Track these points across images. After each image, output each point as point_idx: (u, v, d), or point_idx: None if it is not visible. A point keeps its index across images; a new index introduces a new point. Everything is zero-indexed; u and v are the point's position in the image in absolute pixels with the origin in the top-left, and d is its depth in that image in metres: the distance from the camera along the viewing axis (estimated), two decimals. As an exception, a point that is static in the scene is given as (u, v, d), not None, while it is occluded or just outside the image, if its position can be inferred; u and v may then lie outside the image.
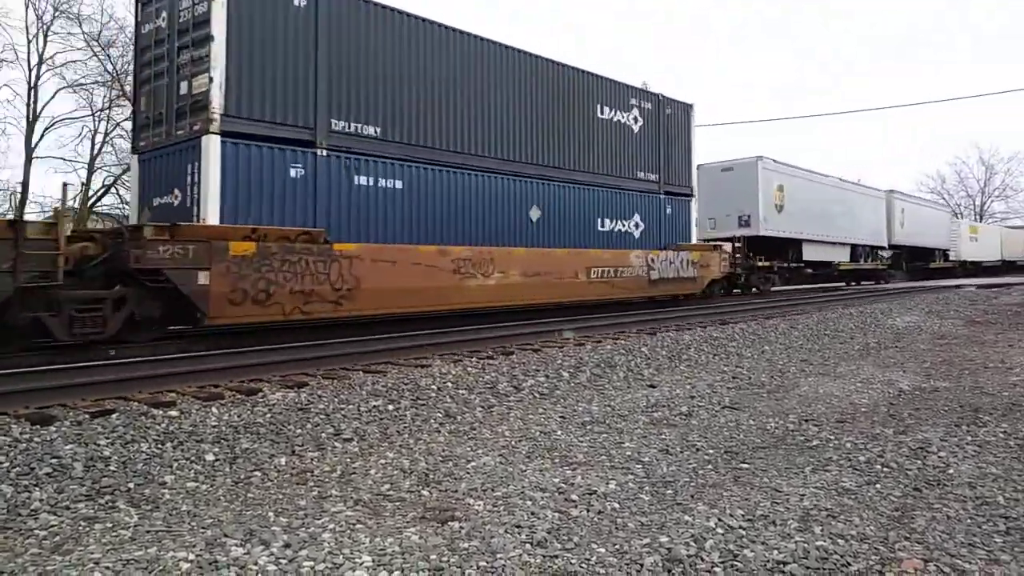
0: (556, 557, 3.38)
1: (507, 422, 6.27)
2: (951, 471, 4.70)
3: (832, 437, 5.61)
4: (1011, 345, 11.37)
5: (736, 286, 22.26)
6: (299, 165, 10.27)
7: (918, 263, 38.80)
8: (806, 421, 6.19)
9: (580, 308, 15.49)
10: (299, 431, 5.63)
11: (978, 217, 66.96)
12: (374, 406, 6.37)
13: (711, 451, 5.26)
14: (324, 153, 10.56)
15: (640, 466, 4.86)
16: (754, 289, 23.07)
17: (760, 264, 23.16)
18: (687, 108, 18.58)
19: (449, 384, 7.28)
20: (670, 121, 17.80)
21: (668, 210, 17.73)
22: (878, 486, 4.42)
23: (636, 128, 16.81)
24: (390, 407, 6.42)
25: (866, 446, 5.33)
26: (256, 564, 3.26)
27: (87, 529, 3.81)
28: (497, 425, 6.16)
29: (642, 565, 3.27)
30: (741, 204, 22.98)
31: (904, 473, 4.67)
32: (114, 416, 5.43)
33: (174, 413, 5.64)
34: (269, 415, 5.83)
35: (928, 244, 38.35)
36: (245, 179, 9.69)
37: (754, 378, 8.43)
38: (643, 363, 9.26)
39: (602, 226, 15.74)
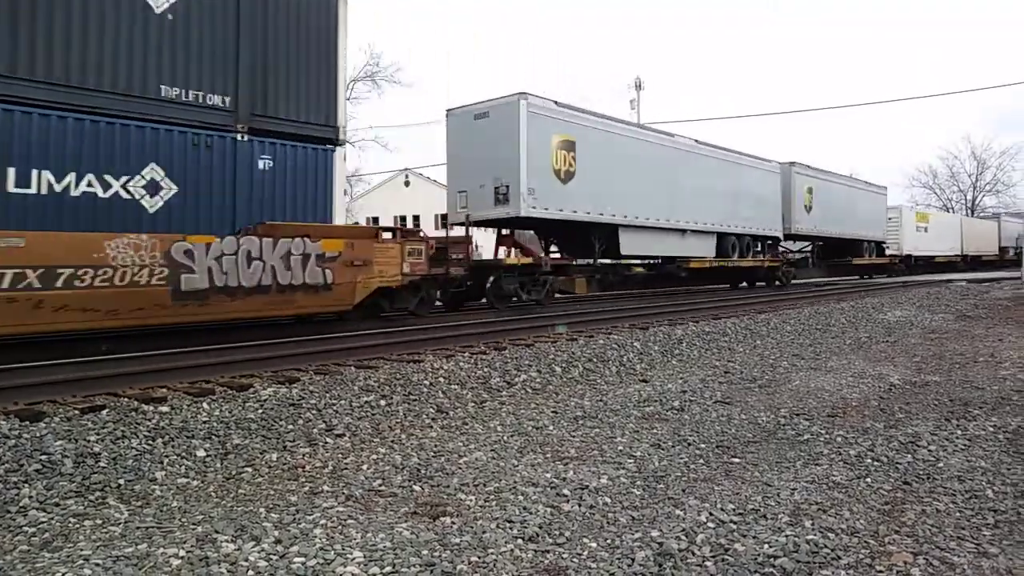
0: (548, 552, 3.38)
1: (499, 417, 6.27)
2: (941, 465, 4.73)
3: (823, 431, 5.63)
4: (1001, 339, 11.44)
5: (485, 296, 14.38)
6: None
7: (842, 258, 30.14)
8: (797, 415, 6.21)
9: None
10: (290, 427, 5.62)
11: (970, 212, 67.19)
12: (366, 401, 6.36)
13: (703, 445, 5.27)
14: None
15: (632, 461, 4.87)
16: (524, 300, 14.67)
17: (523, 262, 14.98)
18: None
19: (441, 379, 7.28)
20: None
21: (261, 164, 9.83)
22: (868, 480, 4.44)
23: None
24: (382, 402, 6.41)
25: (857, 440, 5.35)
26: (247, 560, 3.25)
27: (77, 526, 3.79)
28: (489, 420, 6.16)
29: (633, 559, 3.28)
30: (499, 169, 14.35)
31: (894, 467, 4.70)
32: (104, 412, 5.40)
33: (165, 409, 5.62)
34: (260, 411, 5.81)
35: (854, 234, 29.37)
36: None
37: (746, 373, 8.46)
38: (635, 358, 9.27)
39: (27, 184, 7.80)
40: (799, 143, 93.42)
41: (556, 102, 15.29)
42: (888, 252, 33.56)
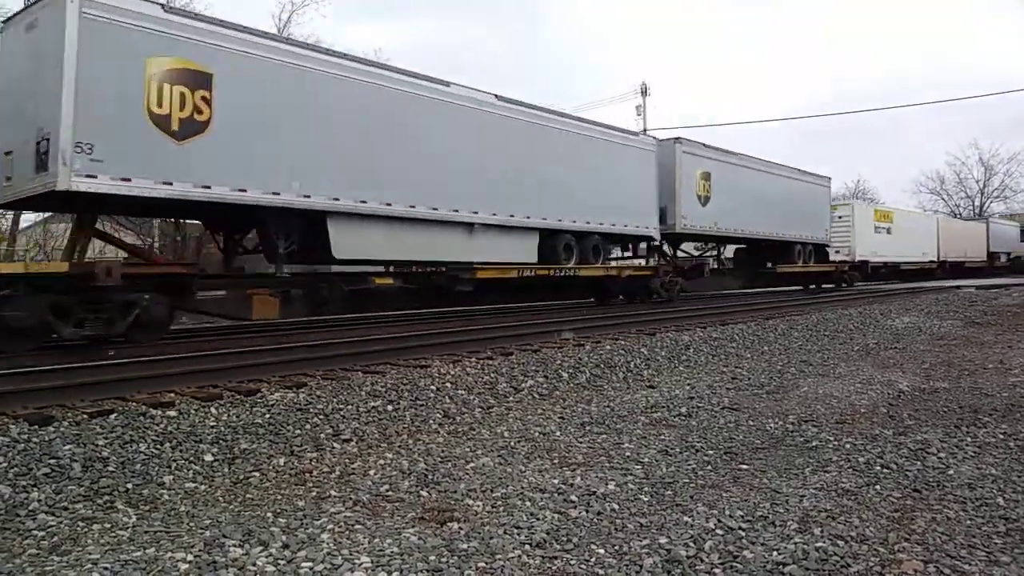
0: (555, 558, 3.38)
1: (506, 423, 6.26)
2: (951, 472, 4.70)
3: (831, 438, 5.61)
4: (1010, 346, 11.37)
5: None
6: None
7: (770, 265, 23.41)
8: (805, 422, 6.18)
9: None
10: (298, 431, 5.63)
11: (976, 217, 66.96)
12: (373, 407, 6.36)
13: (710, 452, 5.25)
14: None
15: (639, 467, 4.85)
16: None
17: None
18: None
19: (448, 385, 7.28)
20: None
21: None
22: (878, 487, 4.42)
23: None
24: (389, 408, 6.41)
25: (866, 447, 5.33)
26: (255, 565, 3.25)
27: (85, 530, 3.81)
28: (496, 426, 6.16)
29: (641, 566, 3.27)
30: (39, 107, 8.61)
31: (904, 474, 4.67)
32: (113, 416, 5.41)
33: (173, 413, 5.63)
34: (268, 415, 5.82)
35: (777, 234, 22.21)
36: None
37: (753, 379, 8.43)
38: (642, 364, 9.25)
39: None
40: (807, 150, 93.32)
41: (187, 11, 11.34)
42: (836, 257, 27.28)
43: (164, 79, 8.95)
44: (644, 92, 38.79)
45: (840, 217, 28.12)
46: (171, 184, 9.00)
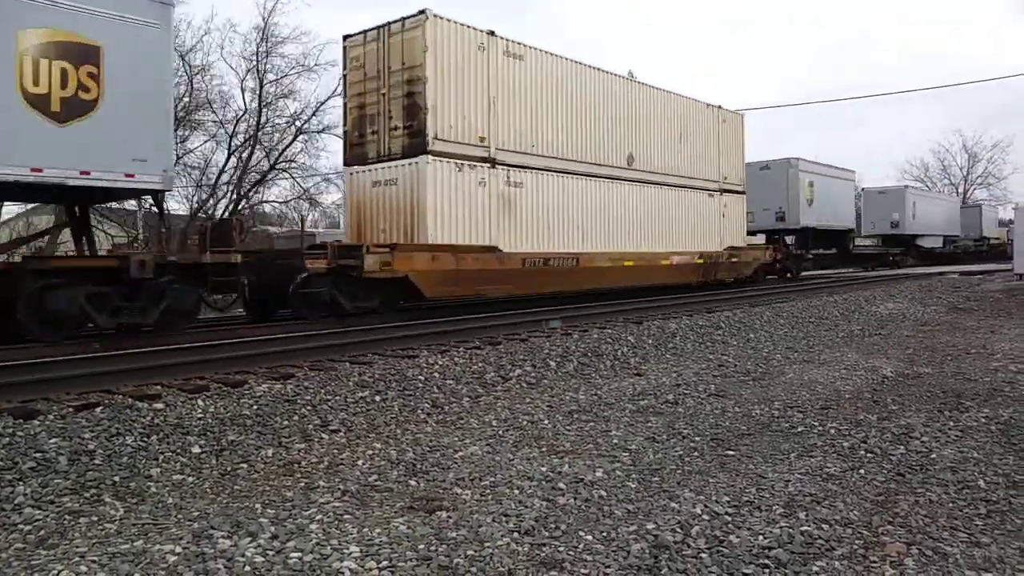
0: (544, 545, 3.40)
1: (494, 412, 6.28)
2: (933, 456, 4.76)
3: (816, 423, 5.66)
4: (993, 332, 11.50)
5: None
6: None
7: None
8: (791, 408, 6.24)
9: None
10: (286, 423, 5.62)
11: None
12: (361, 397, 6.36)
13: (697, 438, 5.29)
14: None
15: (627, 454, 4.88)
16: None
17: None
18: None
19: (436, 374, 7.28)
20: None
21: None
22: (862, 471, 4.47)
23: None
24: (377, 398, 6.41)
25: (850, 432, 5.38)
26: (243, 556, 3.25)
27: (72, 523, 3.79)
28: (484, 415, 6.17)
29: (629, 552, 3.30)
30: None
31: (887, 458, 4.73)
32: (99, 409, 5.39)
33: (159, 406, 5.61)
34: (255, 407, 5.81)
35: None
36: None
37: (739, 366, 8.48)
38: (629, 352, 9.29)
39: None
40: (793, 137, 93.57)
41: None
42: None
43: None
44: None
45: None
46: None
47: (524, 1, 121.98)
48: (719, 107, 19.54)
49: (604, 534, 3.52)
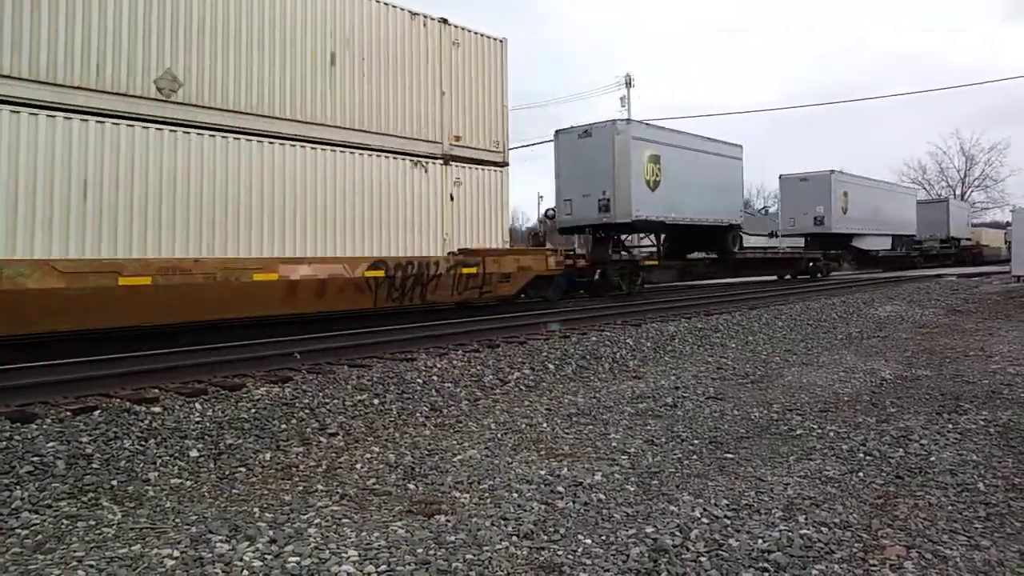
0: (543, 549, 3.39)
1: (493, 415, 6.27)
2: (933, 459, 4.76)
3: (815, 426, 5.66)
4: (991, 334, 11.50)
5: None
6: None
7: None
8: (790, 411, 6.23)
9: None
10: (284, 426, 5.61)
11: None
12: (359, 400, 6.35)
13: (696, 441, 5.28)
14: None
15: (626, 457, 4.88)
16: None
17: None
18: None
19: (435, 378, 7.27)
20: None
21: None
22: (861, 474, 4.47)
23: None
24: (375, 401, 6.40)
25: (849, 435, 5.38)
26: (242, 560, 3.24)
27: (70, 527, 3.77)
28: (483, 418, 6.16)
29: (628, 555, 3.29)
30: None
31: (886, 461, 4.72)
32: (96, 413, 5.38)
33: (157, 409, 5.59)
34: (253, 410, 5.80)
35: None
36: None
37: (738, 368, 8.48)
38: (628, 354, 9.28)
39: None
40: (790, 140, 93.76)
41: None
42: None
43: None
44: (628, 83, 38.83)
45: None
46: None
47: (525, 5, 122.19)
48: (444, 21, 12.12)
49: (603, 538, 3.51)
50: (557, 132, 18.67)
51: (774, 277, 26.73)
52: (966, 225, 46.06)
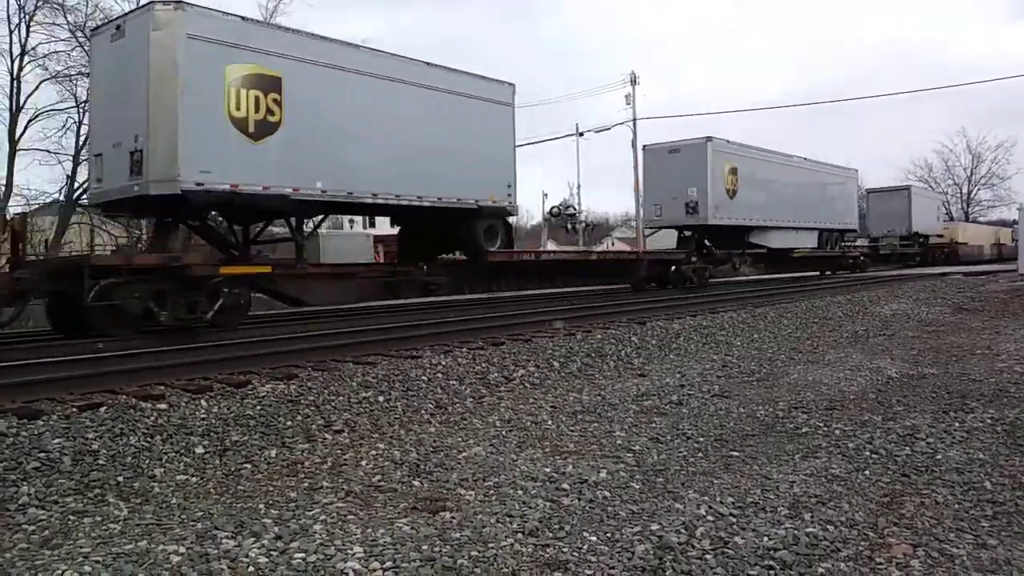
0: (548, 546, 3.39)
1: (498, 412, 6.27)
2: (939, 457, 4.74)
3: (821, 424, 5.64)
4: (998, 332, 11.45)
5: None
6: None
7: None
8: (795, 409, 6.21)
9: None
10: (289, 423, 5.61)
11: (966, 206, 67.10)
12: (364, 397, 6.36)
13: (701, 439, 5.27)
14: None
15: (631, 455, 4.87)
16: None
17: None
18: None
19: (439, 375, 7.27)
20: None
21: None
22: (867, 472, 4.45)
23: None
24: (380, 398, 6.40)
25: (855, 433, 5.36)
26: (247, 556, 3.25)
27: (76, 523, 3.79)
28: (488, 415, 6.16)
29: (633, 552, 3.28)
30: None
31: (893, 459, 4.70)
32: (102, 409, 5.38)
33: (163, 406, 5.60)
34: (259, 407, 5.80)
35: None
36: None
37: (744, 366, 8.46)
38: (633, 352, 9.27)
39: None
40: (798, 137, 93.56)
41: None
42: None
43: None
44: (633, 82, 38.70)
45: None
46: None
47: (531, 8, 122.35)
48: None
49: (608, 535, 3.50)
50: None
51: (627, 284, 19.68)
52: (936, 219, 39.85)
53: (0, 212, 19.34)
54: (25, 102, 25.29)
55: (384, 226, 17.06)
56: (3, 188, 24.07)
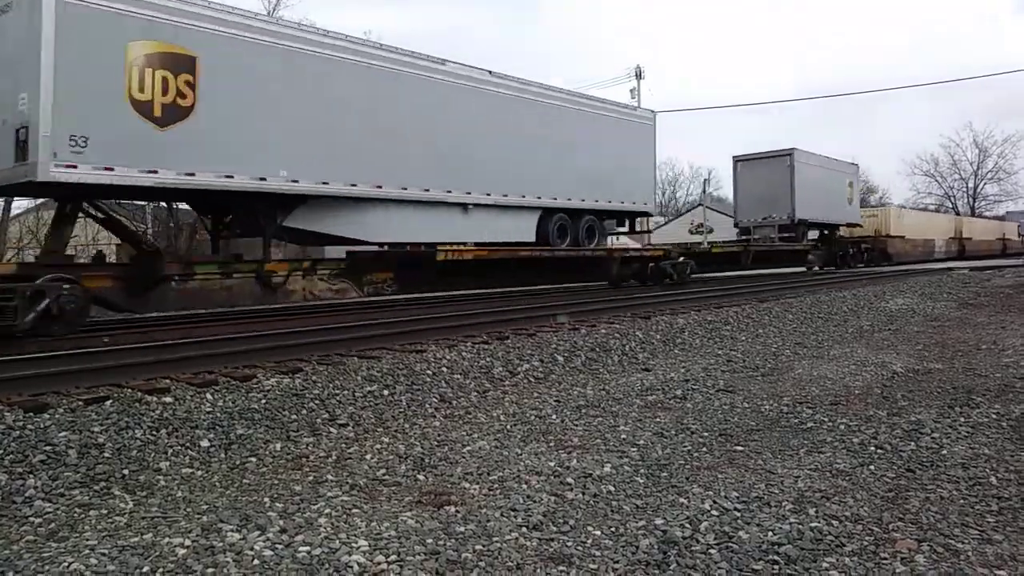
0: (552, 540, 3.39)
1: (502, 406, 6.27)
2: (944, 452, 4.73)
3: (826, 419, 5.63)
4: (1003, 327, 11.42)
5: None
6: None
7: None
8: (800, 403, 6.21)
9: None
10: (294, 416, 5.63)
11: (972, 201, 66.70)
12: (369, 391, 6.36)
13: (706, 434, 5.27)
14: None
15: (635, 449, 4.87)
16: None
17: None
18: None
19: (444, 369, 7.28)
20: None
21: None
22: (872, 467, 4.44)
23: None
24: (385, 392, 6.41)
25: (860, 428, 5.35)
26: (252, 549, 3.26)
27: (82, 516, 3.81)
28: (492, 409, 6.17)
29: (637, 547, 3.29)
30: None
31: (898, 454, 4.70)
32: (108, 403, 5.40)
33: (168, 399, 5.62)
34: (264, 401, 5.82)
35: None
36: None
37: (748, 361, 8.45)
38: (637, 347, 9.26)
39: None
40: (801, 130, 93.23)
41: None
42: None
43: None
44: (639, 75, 38.64)
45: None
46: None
47: (537, 2, 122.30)
48: None
49: (613, 529, 3.51)
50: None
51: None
52: (846, 201, 29.18)
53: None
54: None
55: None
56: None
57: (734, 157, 27.56)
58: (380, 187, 11.98)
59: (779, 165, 25.91)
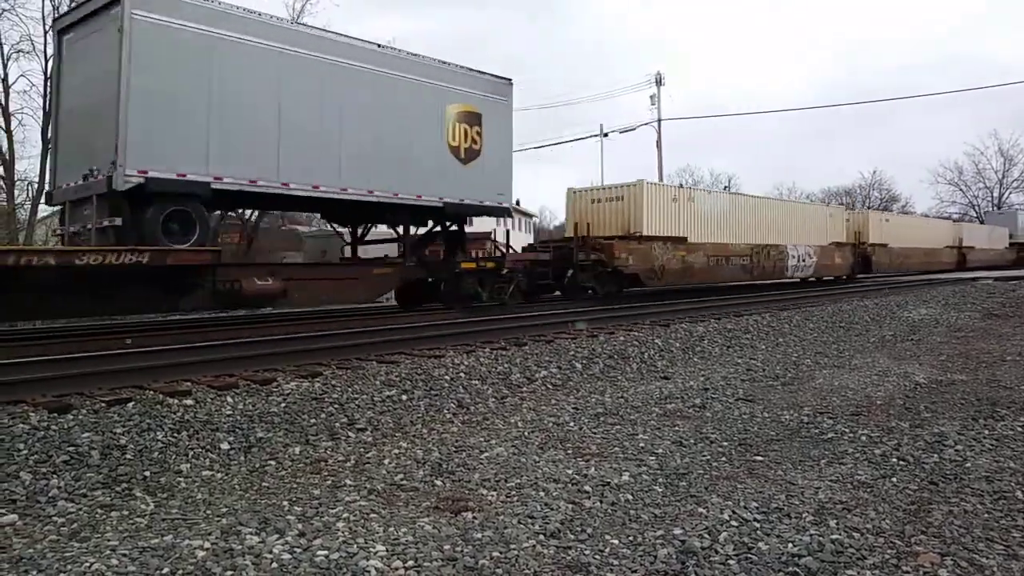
0: (569, 548, 3.38)
1: (520, 413, 6.27)
2: (968, 465, 4.66)
3: (847, 430, 5.57)
4: (1029, 338, 11.25)
5: None
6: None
7: None
8: (821, 414, 6.15)
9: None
10: (313, 421, 5.66)
11: (995, 210, 65.67)
12: (388, 396, 6.39)
13: (725, 443, 5.23)
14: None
15: (654, 458, 4.84)
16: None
17: None
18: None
19: (462, 375, 7.29)
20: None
21: None
22: (894, 479, 4.39)
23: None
24: (403, 397, 6.43)
25: (882, 439, 5.29)
26: (271, 553, 3.28)
27: (104, 516, 3.85)
28: (510, 416, 6.16)
29: (656, 556, 3.27)
30: None
31: (920, 466, 4.63)
32: (130, 405, 5.46)
33: (189, 402, 5.67)
34: (283, 404, 5.85)
35: None
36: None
37: (768, 370, 8.39)
38: (656, 355, 9.22)
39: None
40: (823, 140, 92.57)
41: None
42: None
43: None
44: (659, 82, 38.53)
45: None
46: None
47: (555, 8, 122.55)
48: None
49: (631, 538, 3.49)
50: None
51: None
52: (446, 152, 12.39)
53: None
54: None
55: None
56: (36, 187, 24.53)
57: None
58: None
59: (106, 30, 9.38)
